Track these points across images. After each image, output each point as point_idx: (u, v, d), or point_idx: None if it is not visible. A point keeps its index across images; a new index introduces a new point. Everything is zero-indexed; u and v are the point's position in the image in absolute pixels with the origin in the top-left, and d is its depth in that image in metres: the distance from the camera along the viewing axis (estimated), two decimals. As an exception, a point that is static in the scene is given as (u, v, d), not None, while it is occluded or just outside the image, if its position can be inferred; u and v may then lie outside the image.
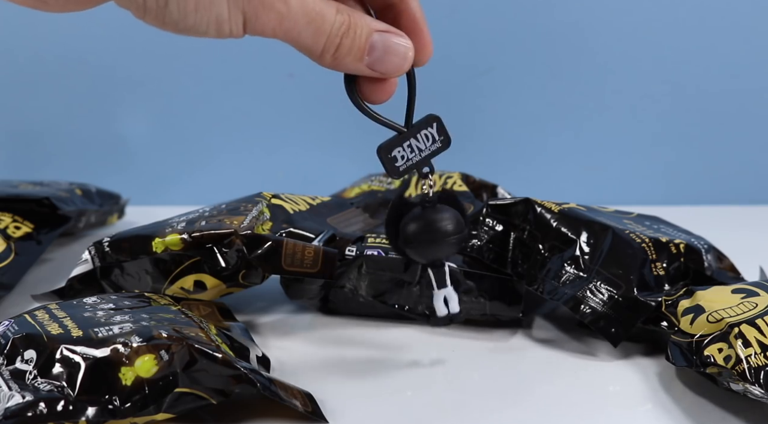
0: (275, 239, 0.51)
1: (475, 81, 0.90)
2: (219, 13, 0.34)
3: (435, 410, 0.44)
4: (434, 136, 0.42)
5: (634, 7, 0.89)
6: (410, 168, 0.42)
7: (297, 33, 0.36)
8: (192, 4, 0.33)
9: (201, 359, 0.40)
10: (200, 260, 0.51)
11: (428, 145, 0.42)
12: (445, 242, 0.42)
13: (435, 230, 0.42)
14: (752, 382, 0.40)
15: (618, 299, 0.49)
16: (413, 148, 0.42)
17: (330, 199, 0.61)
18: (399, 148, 0.41)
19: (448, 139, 0.42)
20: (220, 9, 0.34)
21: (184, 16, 0.34)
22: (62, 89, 0.91)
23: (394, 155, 0.41)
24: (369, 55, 0.38)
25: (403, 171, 0.42)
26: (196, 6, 0.34)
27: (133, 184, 0.85)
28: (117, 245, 0.53)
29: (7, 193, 0.67)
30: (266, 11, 0.35)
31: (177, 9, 0.33)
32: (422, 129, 0.42)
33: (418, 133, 0.42)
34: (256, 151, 0.92)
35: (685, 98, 0.91)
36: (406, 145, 0.41)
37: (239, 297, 0.55)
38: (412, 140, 0.42)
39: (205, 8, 0.34)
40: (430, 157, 0.42)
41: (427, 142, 0.42)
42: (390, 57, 0.39)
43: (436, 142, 0.42)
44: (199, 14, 0.34)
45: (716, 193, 0.91)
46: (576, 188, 0.86)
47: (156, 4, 0.33)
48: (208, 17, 0.34)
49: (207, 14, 0.34)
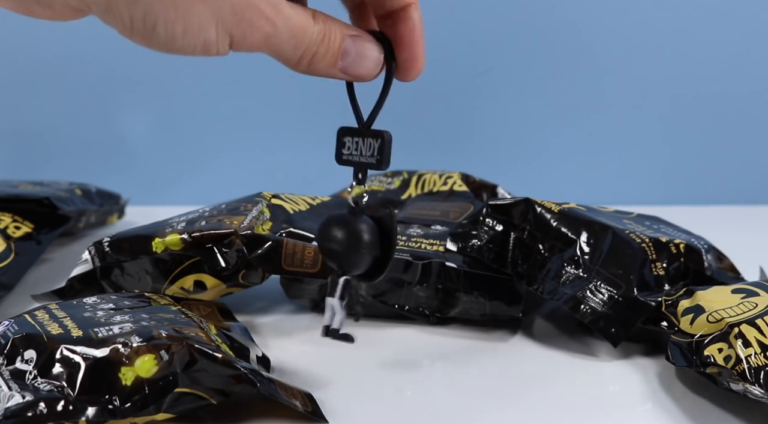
0: (275, 238, 0.51)
1: (475, 81, 0.90)
2: (207, 37, 0.34)
3: (435, 410, 0.44)
4: (374, 151, 0.41)
5: (633, 7, 0.89)
6: (350, 162, 0.42)
7: (279, 47, 0.36)
8: (180, 29, 0.33)
9: (201, 359, 0.40)
10: (200, 260, 0.51)
11: (366, 154, 0.41)
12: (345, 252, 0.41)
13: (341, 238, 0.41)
14: (752, 382, 0.40)
15: (618, 299, 0.49)
16: (358, 147, 0.41)
17: (330, 200, 0.61)
18: (350, 138, 0.41)
19: (383, 161, 0.41)
20: (208, 33, 0.34)
21: (171, 39, 0.34)
22: (62, 89, 0.91)
23: (345, 141, 0.41)
24: (342, 60, 0.39)
25: (344, 160, 0.42)
26: (184, 31, 0.33)
27: (133, 184, 0.85)
28: (117, 245, 0.53)
29: (7, 193, 0.67)
30: (253, 32, 0.35)
31: (165, 32, 0.33)
32: (370, 136, 0.41)
33: (366, 138, 0.41)
34: (256, 151, 0.92)
35: (684, 98, 0.91)
36: (355, 140, 0.41)
37: (239, 297, 0.55)
38: (360, 140, 0.41)
39: (193, 33, 0.34)
40: (361, 167, 0.41)
41: (366, 152, 0.41)
42: (362, 61, 0.39)
43: (372, 157, 0.41)
44: (187, 38, 0.34)
45: (716, 193, 0.91)
46: (576, 188, 0.86)
47: (143, 26, 0.33)
48: (195, 41, 0.34)
49: (194, 38, 0.34)
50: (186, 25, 0.33)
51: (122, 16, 0.33)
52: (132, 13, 0.33)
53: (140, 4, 0.33)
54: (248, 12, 0.34)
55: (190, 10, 0.33)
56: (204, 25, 0.34)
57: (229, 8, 0.34)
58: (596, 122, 0.91)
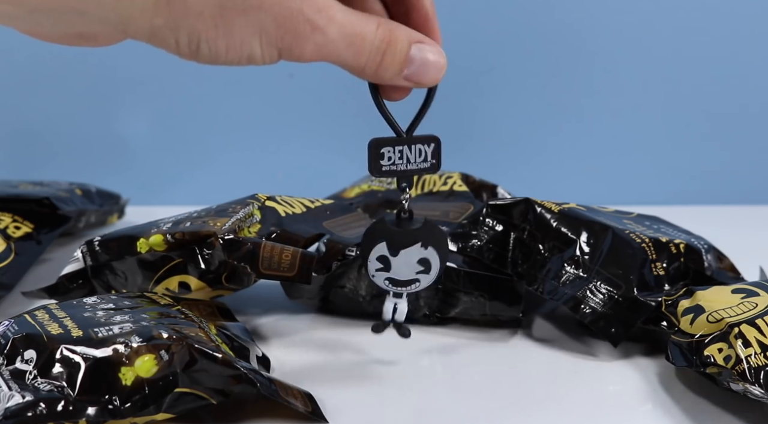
0: (254, 241, 0.50)
1: (475, 81, 0.90)
2: (251, 52, 0.34)
3: (435, 410, 0.44)
4: (427, 156, 0.41)
5: (633, 8, 0.89)
6: (391, 173, 0.41)
7: (337, 55, 0.36)
8: (223, 47, 0.33)
9: (201, 359, 0.40)
10: (183, 262, 0.50)
11: (418, 160, 0.41)
12: None
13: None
14: (752, 382, 0.40)
15: (618, 299, 0.49)
16: (403, 155, 0.41)
17: (330, 202, 0.61)
18: (390, 149, 0.41)
19: (438, 164, 0.42)
20: (252, 48, 0.34)
21: (215, 57, 0.34)
22: (62, 89, 0.91)
23: (383, 152, 0.41)
24: (407, 68, 0.38)
25: (384, 171, 0.41)
26: (227, 47, 0.33)
27: (133, 184, 0.85)
28: (106, 245, 0.52)
29: (7, 193, 0.67)
30: (301, 43, 0.34)
31: (208, 50, 0.33)
32: (420, 142, 0.41)
33: (415, 144, 0.41)
34: (256, 151, 0.92)
35: (684, 98, 0.91)
36: (398, 149, 0.41)
37: (239, 297, 0.55)
38: (406, 148, 0.41)
39: (236, 49, 0.34)
40: (414, 173, 0.41)
41: (418, 158, 0.41)
42: (426, 69, 0.39)
43: (426, 162, 0.41)
44: (230, 54, 0.34)
45: (716, 193, 0.91)
46: (576, 188, 0.86)
47: (188, 48, 0.33)
48: (240, 55, 0.34)
49: (238, 54, 0.34)
50: (228, 42, 0.33)
51: (168, 41, 0.33)
52: (177, 37, 0.33)
53: (182, 28, 0.33)
54: (293, 22, 0.33)
55: (230, 26, 0.33)
56: (246, 40, 0.33)
57: (272, 20, 0.33)
58: (596, 122, 0.91)
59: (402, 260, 0.43)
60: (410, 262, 0.43)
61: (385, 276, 0.43)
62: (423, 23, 0.40)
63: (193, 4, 0.32)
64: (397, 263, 0.43)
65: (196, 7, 0.32)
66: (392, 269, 0.43)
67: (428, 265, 0.43)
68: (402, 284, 0.44)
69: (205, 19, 0.32)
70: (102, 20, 0.33)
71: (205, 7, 0.32)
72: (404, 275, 0.43)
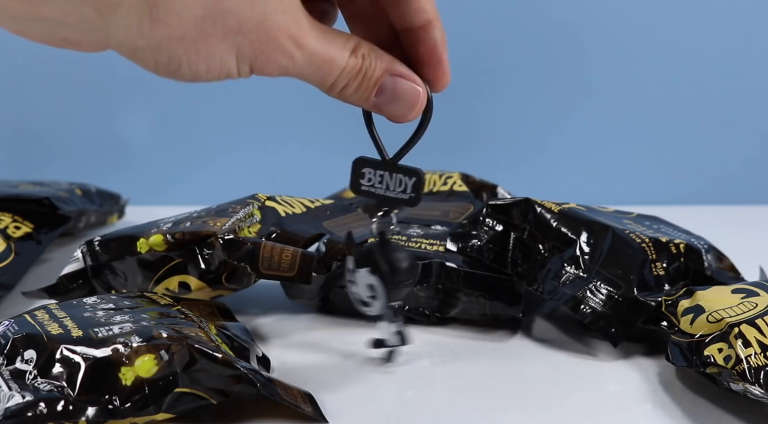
0: (254, 241, 0.50)
1: (475, 81, 0.90)
2: (229, 70, 0.35)
3: (435, 410, 0.44)
4: (407, 187, 0.41)
5: (633, 8, 0.89)
6: (369, 194, 0.42)
7: (303, 77, 0.37)
8: (203, 68, 0.34)
9: (201, 359, 0.40)
10: (183, 262, 0.50)
11: (397, 189, 0.41)
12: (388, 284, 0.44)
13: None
14: (752, 382, 0.40)
15: (618, 299, 0.49)
16: (383, 181, 0.41)
17: (330, 202, 0.61)
18: (372, 171, 0.41)
19: (416, 200, 0.41)
20: (230, 67, 0.35)
21: (195, 76, 0.35)
22: (62, 89, 0.91)
23: (364, 172, 0.41)
24: (377, 97, 0.39)
25: (362, 191, 0.42)
26: (208, 68, 0.35)
27: (133, 184, 0.85)
28: (106, 245, 0.52)
29: (7, 193, 0.67)
30: (270, 65, 0.36)
31: (189, 71, 0.34)
32: (402, 173, 0.41)
33: (396, 173, 0.41)
34: (256, 151, 0.92)
35: (684, 98, 0.91)
36: (379, 174, 0.41)
37: (239, 297, 0.55)
38: (386, 175, 0.41)
39: (216, 68, 0.35)
40: (390, 203, 0.42)
41: (397, 187, 0.41)
42: (397, 103, 0.39)
43: (405, 194, 0.41)
44: (210, 74, 0.35)
45: (716, 193, 0.91)
46: (576, 188, 0.86)
47: (167, 68, 0.34)
48: (218, 74, 0.35)
49: (217, 72, 0.35)
50: (209, 64, 0.34)
51: (147, 61, 0.34)
52: (157, 57, 0.34)
53: (164, 50, 0.34)
54: (267, 47, 0.35)
55: (211, 50, 0.34)
56: (225, 60, 0.35)
57: (249, 44, 0.34)
58: (596, 122, 0.91)
59: (359, 279, 0.44)
60: (362, 283, 0.44)
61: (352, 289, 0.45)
62: (429, 55, 0.40)
63: (176, 29, 0.33)
64: (357, 282, 0.44)
65: (178, 32, 0.33)
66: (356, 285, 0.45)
67: (374, 291, 0.44)
68: (362, 303, 0.45)
69: (186, 42, 0.34)
70: (86, 32, 0.35)
71: (186, 31, 0.33)
72: (362, 294, 0.44)
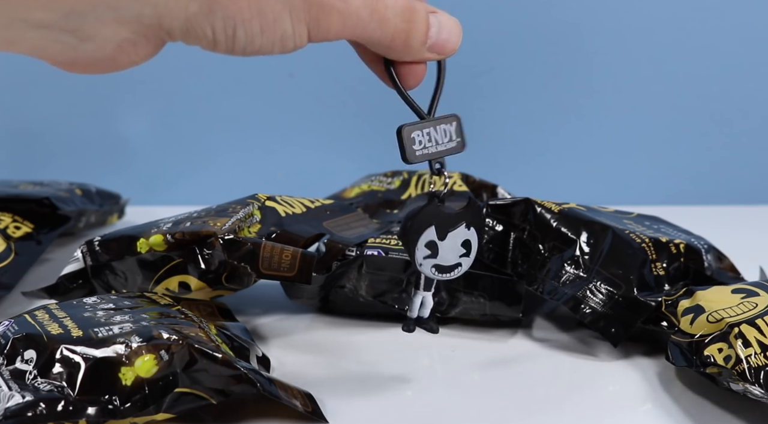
0: (254, 241, 0.50)
1: (475, 81, 0.90)
2: (284, 31, 0.34)
3: (435, 410, 0.44)
4: (452, 135, 0.41)
5: (634, 7, 0.89)
6: (426, 157, 0.40)
7: (362, 28, 0.36)
8: (257, 26, 0.34)
9: (201, 359, 0.40)
10: (183, 262, 0.50)
11: (445, 141, 0.41)
12: None
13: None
14: (752, 382, 0.40)
15: (618, 299, 0.49)
16: (431, 138, 0.40)
17: (330, 202, 0.61)
18: (419, 132, 0.40)
19: (464, 142, 0.41)
20: (284, 26, 0.34)
21: (251, 41, 0.34)
22: (62, 89, 0.91)
23: (413, 137, 0.40)
24: (429, 38, 0.38)
25: (419, 156, 0.40)
26: (261, 27, 0.34)
27: (133, 184, 0.85)
28: (106, 245, 0.52)
29: (7, 193, 0.67)
30: (326, 15, 0.34)
31: (244, 35, 0.34)
32: (442, 123, 0.40)
33: (438, 125, 0.40)
34: (256, 151, 0.92)
35: (685, 98, 0.91)
36: (426, 132, 0.40)
37: (239, 297, 0.55)
38: (432, 130, 0.40)
39: (270, 28, 0.34)
40: (444, 155, 0.41)
41: (444, 138, 0.41)
42: (449, 34, 0.39)
43: (452, 141, 0.41)
44: (265, 35, 0.34)
45: (716, 193, 0.91)
46: (576, 188, 0.86)
47: (224, 35, 0.34)
48: (274, 37, 0.34)
49: (272, 34, 0.34)
50: (262, 21, 0.34)
51: (204, 31, 0.33)
52: (213, 23, 0.33)
53: (218, 11, 0.33)
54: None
55: (262, 4, 0.33)
56: (278, 18, 0.34)
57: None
58: (596, 122, 0.91)
59: (448, 244, 0.42)
60: (455, 245, 0.42)
61: (432, 263, 0.42)
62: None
63: None
64: (443, 248, 0.42)
65: None
66: (439, 255, 0.42)
67: (469, 247, 0.42)
68: (447, 269, 0.42)
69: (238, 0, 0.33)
70: (137, 16, 0.33)
71: None
72: (450, 259, 0.42)
